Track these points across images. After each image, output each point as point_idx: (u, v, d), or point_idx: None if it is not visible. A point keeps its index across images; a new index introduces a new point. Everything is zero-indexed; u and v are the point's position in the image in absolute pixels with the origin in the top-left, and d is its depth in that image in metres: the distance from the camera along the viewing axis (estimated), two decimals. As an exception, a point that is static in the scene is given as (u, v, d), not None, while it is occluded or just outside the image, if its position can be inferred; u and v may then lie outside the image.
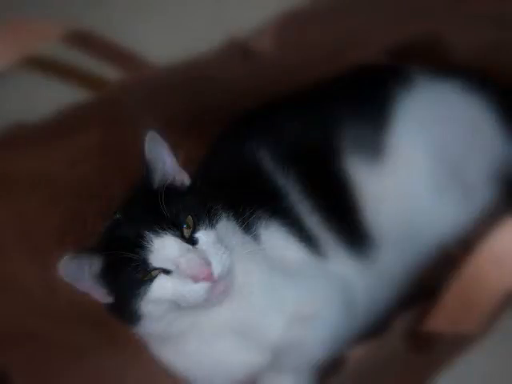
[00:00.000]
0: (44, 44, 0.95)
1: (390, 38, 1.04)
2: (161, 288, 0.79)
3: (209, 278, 0.78)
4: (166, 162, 0.82)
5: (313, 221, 0.92)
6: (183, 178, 0.84)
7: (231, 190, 0.88)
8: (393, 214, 0.95)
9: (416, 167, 0.97)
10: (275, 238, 0.88)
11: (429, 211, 0.97)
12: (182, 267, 0.78)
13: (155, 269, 0.79)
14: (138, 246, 0.78)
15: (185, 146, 0.83)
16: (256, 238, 0.86)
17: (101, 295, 0.80)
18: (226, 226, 0.83)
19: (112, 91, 1.02)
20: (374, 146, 0.97)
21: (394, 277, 0.95)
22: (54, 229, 0.95)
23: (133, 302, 0.79)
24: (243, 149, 0.96)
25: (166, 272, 0.79)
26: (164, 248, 0.78)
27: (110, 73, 1.03)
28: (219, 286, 0.79)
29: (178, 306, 0.80)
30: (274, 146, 0.95)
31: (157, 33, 1.39)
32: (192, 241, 0.80)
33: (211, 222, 0.81)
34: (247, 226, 0.86)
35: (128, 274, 0.79)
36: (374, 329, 0.91)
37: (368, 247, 0.94)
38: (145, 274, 0.79)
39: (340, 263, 0.91)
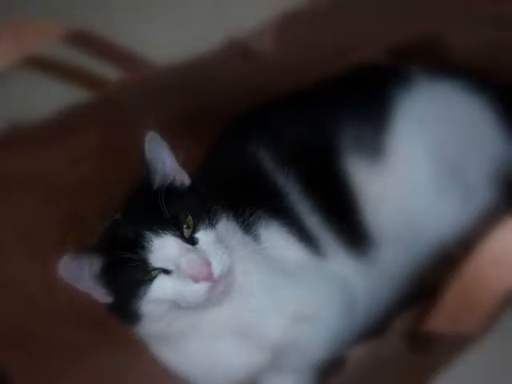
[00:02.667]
0: (44, 44, 0.95)
1: (390, 37, 1.04)
2: (161, 288, 0.79)
3: (209, 278, 0.78)
4: (165, 162, 0.82)
5: (313, 221, 0.92)
6: (183, 178, 0.84)
7: (231, 190, 0.88)
8: (393, 213, 0.95)
9: (416, 167, 0.97)
10: (275, 238, 0.88)
11: (429, 211, 0.97)
12: (182, 267, 0.78)
13: (155, 269, 0.79)
14: (137, 246, 0.78)
15: (185, 146, 0.83)
16: (256, 238, 0.86)
17: (101, 295, 0.80)
18: (226, 226, 0.83)
19: (112, 91, 1.02)
20: (374, 146, 0.97)
21: (394, 277, 0.95)
22: (53, 229, 0.95)
23: (133, 301, 0.79)
24: (243, 149, 0.96)
25: (166, 272, 0.79)
26: (164, 248, 0.78)
27: (110, 73, 1.03)
28: (219, 286, 0.79)
29: (177, 306, 0.80)
30: (274, 145, 0.95)
31: (157, 33, 1.39)
32: (192, 241, 0.80)
33: (211, 222, 0.81)
34: (247, 226, 0.86)
35: (128, 274, 0.79)
36: (374, 329, 0.91)
37: (368, 247, 0.94)
38: (145, 274, 0.79)
39: (340, 263, 0.91)
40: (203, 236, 0.80)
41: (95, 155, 1.01)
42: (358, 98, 1.00)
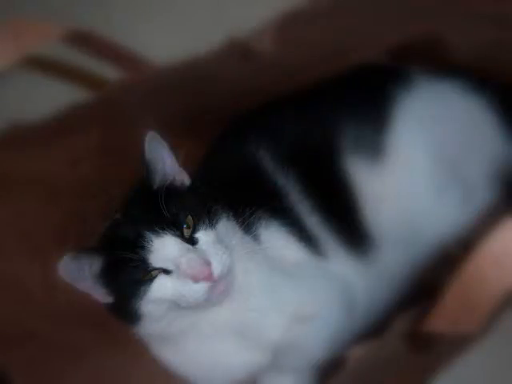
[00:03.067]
0: (44, 44, 0.95)
1: (390, 37, 1.04)
2: (161, 288, 0.79)
3: (209, 277, 0.78)
4: (165, 162, 0.82)
5: (313, 221, 0.92)
6: (183, 178, 0.84)
7: (231, 190, 0.88)
8: (393, 214, 0.95)
9: (416, 167, 0.97)
10: (275, 238, 0.88)
11: (429, 211, 0.97)
12: (182, 267, 0.78)
13: (155, 269, 0.79)
14: (137, 246, 0.78)
15: (185, 146, 0.83)
16: (256, 237, 0.86)
17: (101, 295, 0.80)
18: (226, 226, 0.83)
19: (112, 91, 1.02)
20: (374, 146, 0.97)
21: (394, 277, 0.95)
22: (54, 229, 0.95)
23: (133, 301, 0.79)
24: (243, 149, 0.96)
25: (166, 272, 0.79)
26: (164, 248, 0.78)
27: (110, 73, 1.03)
28: (219, 286, 0.79)
29: (177, 305, 0.80)
30: (274, 145, 0.95)
31: (157, 33, 1.39)
32: (192, 241, 0.79)
33: (211, 221, 0.81)
34: (247, 226, 0.85)
35: (128, 274, 0.79)
36: (374, 329, 0.91)
37: (368, 247, 0.94)
38: (145, 274, 0.79)
39: (340, 263, 0.91)
40: (203, 236, 0.80)
41: (95, 155, 1.01)
42: (358, 98, 1.00)
